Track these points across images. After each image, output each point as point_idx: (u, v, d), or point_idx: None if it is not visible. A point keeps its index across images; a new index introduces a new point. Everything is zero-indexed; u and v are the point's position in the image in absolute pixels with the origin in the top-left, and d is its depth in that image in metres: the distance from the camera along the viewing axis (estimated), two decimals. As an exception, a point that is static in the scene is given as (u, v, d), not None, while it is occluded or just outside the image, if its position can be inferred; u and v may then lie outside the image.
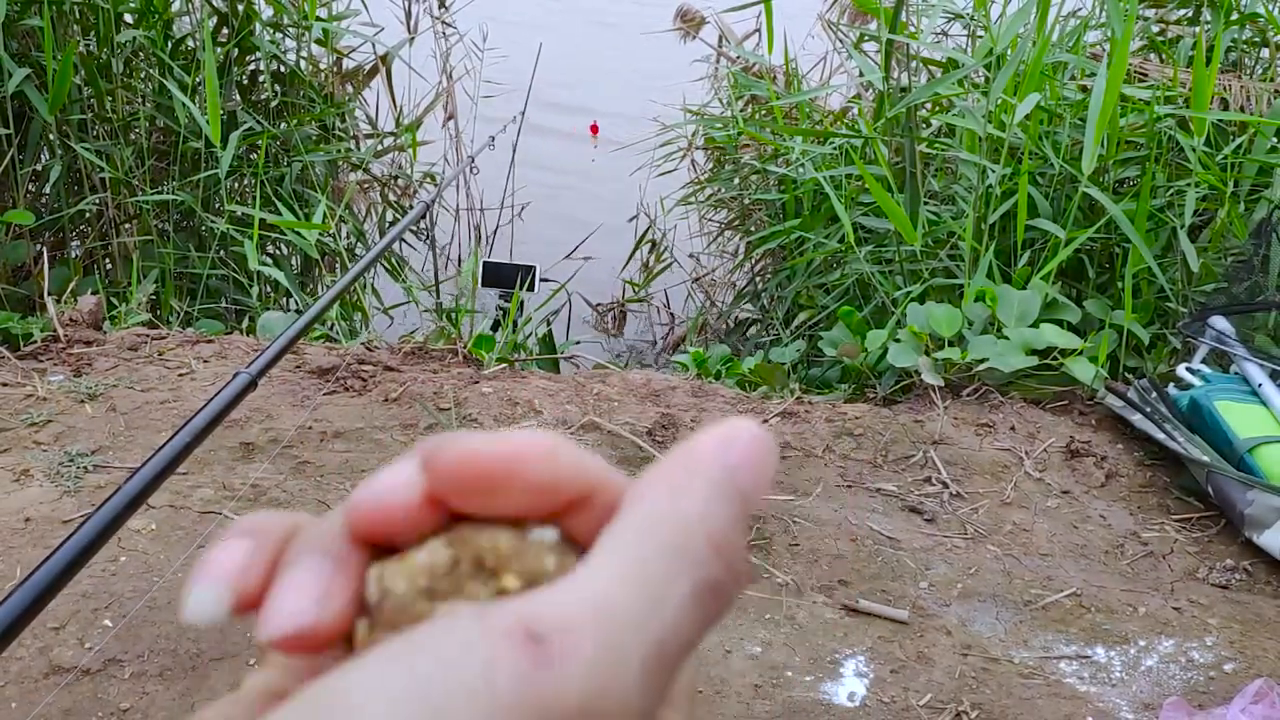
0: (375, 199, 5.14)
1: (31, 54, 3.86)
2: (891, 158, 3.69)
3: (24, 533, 2.13)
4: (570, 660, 0.19)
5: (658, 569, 0.21)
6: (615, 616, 0.20)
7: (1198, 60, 3.12)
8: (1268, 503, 2.34)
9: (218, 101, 3.58)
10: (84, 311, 3.06)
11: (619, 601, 0.20)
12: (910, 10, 3.67)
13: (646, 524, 0.22)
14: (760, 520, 2.36)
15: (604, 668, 0.19)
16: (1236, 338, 2.87)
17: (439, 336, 3.16)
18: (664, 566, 0.21)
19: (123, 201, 4.06)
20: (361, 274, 2.93)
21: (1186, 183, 3.23)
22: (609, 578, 0.21)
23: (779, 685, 1.92)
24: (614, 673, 0.20)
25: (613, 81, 8.02)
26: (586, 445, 2.37)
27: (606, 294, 5.40)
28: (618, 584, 0.21)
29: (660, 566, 0.21)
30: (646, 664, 0.20)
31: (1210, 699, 1.94)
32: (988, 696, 1.92)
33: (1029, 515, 2.47)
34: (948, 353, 2.86)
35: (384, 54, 4.93)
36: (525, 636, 0.19)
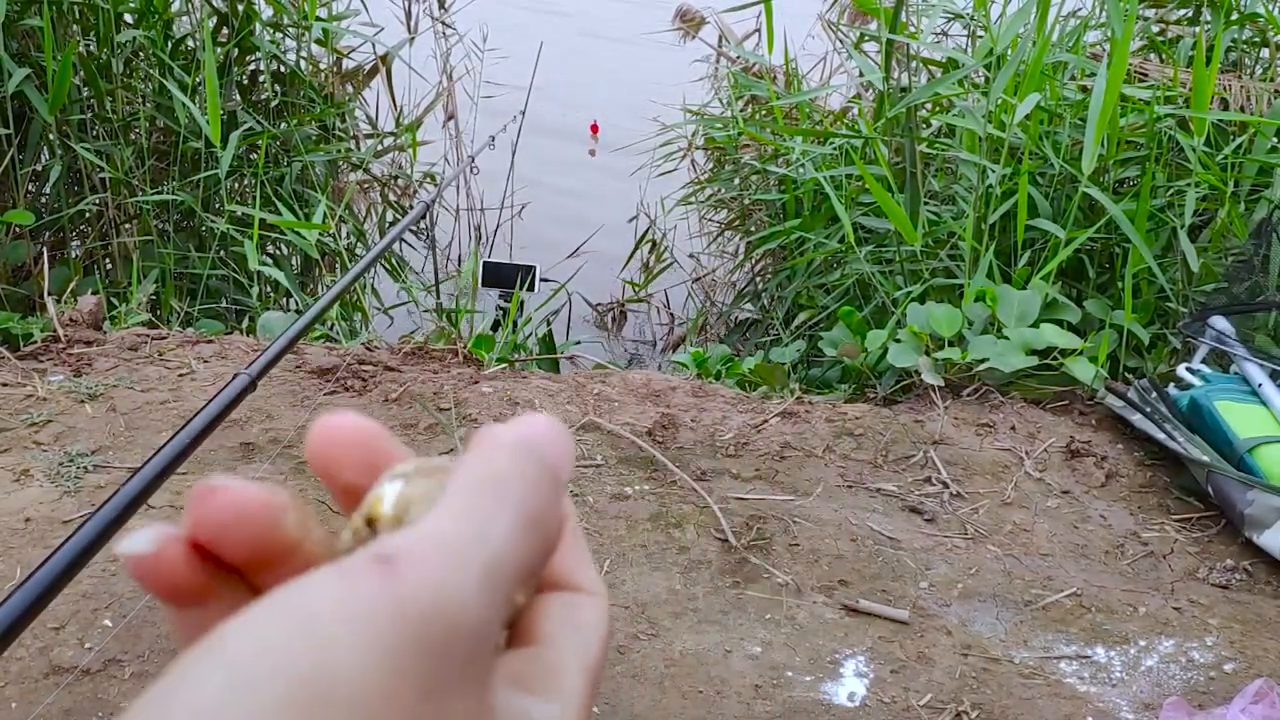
0: (375, 199, 5.14)
1: (31, 54, 3.86)
2: (891, 158, 3.69)
3: (24, 533, 2.13)
4: (417, 569, 0.23)
5: (481, 506, 0.25)
6: (450, 542, 0.24)
7: (1198, 60, 3.12)
8: (1268, 503, 2.34)
9: (218, 101, 3.58)
10: (84, 311, 3.06)
11: (452, 531, 0.25)
12: (910, 10, 3.67)
13: (468, 481, 0.26)
14: (760, 520, 2.36)
15: (447, 575, 0.23)
16: (1236, 338, 2.87)
17: (439, 337, 3.16)
18: (487, 504, 0.26)
19: (123, 201, 4.06)
20: (362, 274, 2.93)
21: (1186, 183, 3.23)
22: (442, 518, 0.25)
23: (779, 685, 1.92)
24: (456, 580, 0.23)
25: (613, 81, 8.02)
26: (586, 445, 2.38)
27: (606, 294, 5.40)
28: (450, 521, 0.25)
29: (484, 504, 0.26)
30: (483, 576, 0.24)
31: (1210, 699, 1.94)
32: (988, 696, 1.92)
33: (1029, 515, 2.47)
34: (948, 353, 2.86)
35: (384, 54, 4.93)
36: (376, 560, 0.23)
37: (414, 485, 0.28)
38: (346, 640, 0.22)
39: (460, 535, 0.25)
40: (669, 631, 2.03)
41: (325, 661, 0.21)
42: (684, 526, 2.34)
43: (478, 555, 0.24)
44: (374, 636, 0.22)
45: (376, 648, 0.22)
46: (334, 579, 0.23)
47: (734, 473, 2.56)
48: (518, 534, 0.25)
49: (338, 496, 0.31)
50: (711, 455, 2.63)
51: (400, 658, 0.22)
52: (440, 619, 0.23)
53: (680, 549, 2.27)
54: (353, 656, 0.22)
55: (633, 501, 2.42)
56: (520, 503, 0.26)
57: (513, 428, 0.29)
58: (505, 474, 0.27)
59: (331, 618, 0.22)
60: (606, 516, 2.36)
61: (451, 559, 0.24)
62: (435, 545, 0.24)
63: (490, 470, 0.27)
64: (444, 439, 2.58)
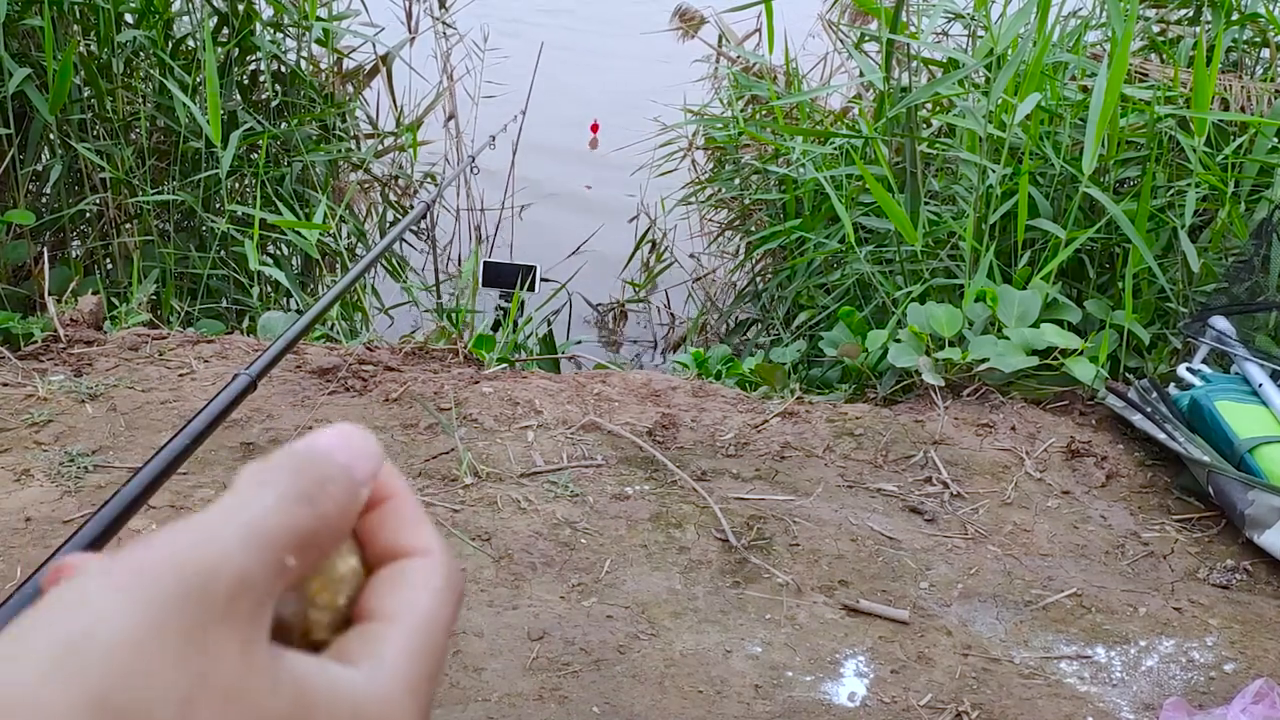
0: (376, 199, 5.14)
1: (32, 54, 3.86)
2: (892, 158, 3.69)
3: (24, 533, 2.13)
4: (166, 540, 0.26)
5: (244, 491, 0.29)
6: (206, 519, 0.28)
7: (1198, 60, 3.12)
8: (1268, 503, 2.34)
9: (218, 101, 3.58)
10: (84, 311, 3.06)
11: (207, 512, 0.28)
12: (910, 10, 3.67)
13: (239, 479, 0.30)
14: (761, 520, 2.36)
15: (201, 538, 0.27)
16: (1237, 338, 2.87)
17: (439, 336, 3.16)
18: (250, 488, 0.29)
19: (123, 201, 4.06)
20: (362, 274, 2.93)
21: (1187, 183, 3.23)
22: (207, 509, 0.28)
23: (779, 685, 1.92)
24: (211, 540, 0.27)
25: (613, 81, 8.01)
26: (587, 445, 2.38)
27: (606, 294, 5.40)
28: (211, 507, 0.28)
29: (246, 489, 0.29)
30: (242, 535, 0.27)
31: (1210, 699, 1.94)
32: (988, 697, 1.92)
33: (1029, 515, 2.47)
34: (948, 353, 2.86)
35: (384, 54, 4.93)
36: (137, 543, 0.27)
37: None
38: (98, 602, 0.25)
39: (218, 511, 0.28)
40: (669, 631, 2.03)
41: (86, 622, 0.24)
42: (684, 526, 2.34)
43: (235, 519, 0.28)
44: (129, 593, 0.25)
45: (131, 601, 0.25)
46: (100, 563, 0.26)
47: (734, 473, 2.56)
48: (281, 506, 0.29)
49: None
50: (712, 455, 2.63)
51: (155, 607, 0.25)
52: (195, 569, 0.26)
53: (680, 549, 2.27)
54: (111, 612, 0.24)
55: (633, 501, 2.42)
56: (283, 484, 0.29)
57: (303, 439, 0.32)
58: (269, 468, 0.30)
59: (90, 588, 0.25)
60: (606, 516, 2.36)
61: (206, 528, 0.27)
62: (189, 525, 0.27)
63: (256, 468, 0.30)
64: (444, 439, 2.59)
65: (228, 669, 0.26)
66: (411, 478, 2.44)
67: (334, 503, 0.30)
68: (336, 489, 0.31)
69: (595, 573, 2.19)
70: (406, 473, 2.44)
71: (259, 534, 0.28)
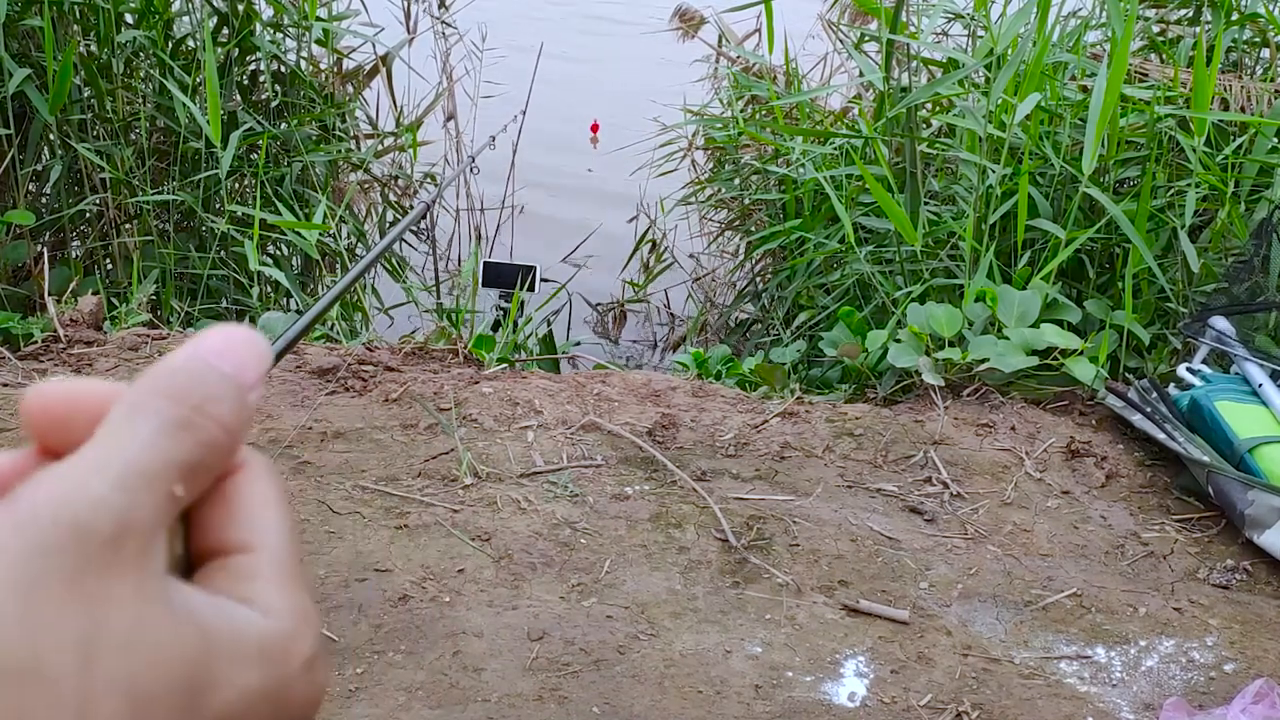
0: (376, 199, 5.14)
1: (32, 54, 3.86)
2: (892, 158, 3.69)
3: (24, 533, 2.13)
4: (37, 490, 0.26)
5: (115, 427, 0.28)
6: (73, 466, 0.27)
7: (1198, 60, 3.12)
8: (1268, 503, 2.34)
9: (218, 102, 3.58)
10: (84, 312, 3.06)
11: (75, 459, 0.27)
12: (910, 10, 3.67)
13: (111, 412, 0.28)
14: (760, 520, 2.36)
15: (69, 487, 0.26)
16: (1237, 338, 2.87)
17: (439, 337, 3.16)
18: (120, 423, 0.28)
19: (123, 202, 4.06)
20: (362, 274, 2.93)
21: (1187, 183, 3.23)
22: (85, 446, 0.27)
23: (779, 685, 1.92)
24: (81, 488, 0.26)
25: (613, 81, 8.02)
26: (587, 445, 2.38)
27: (606, 294, 5.40)
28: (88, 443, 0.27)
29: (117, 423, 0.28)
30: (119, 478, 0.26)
31: (1210, 699, 1.94)
32: (988, 697, 1.92)
33: (1029, 515, 2.47)
34: (948, 353, 2.86)
35: (384, 54, 4.93)
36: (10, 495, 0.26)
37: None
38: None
39: (90, 453, 0.27)
40: (669, 631, 2.03)
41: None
42: (684, 526, 2.34)
43: (110, 458, 0.27)
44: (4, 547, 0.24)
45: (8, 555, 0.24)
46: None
47: (734, 473, 2.56)
48: (159, 438, 0.27)
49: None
50: (711, 455, 2.63)
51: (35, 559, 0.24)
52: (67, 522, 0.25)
53: (680, 549, 2.27)
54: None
55: (633, 501, 2.42)
56: (161, 410, 0.28)
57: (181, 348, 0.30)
58: (143, 392, 0.28)
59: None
60: (606, 516, 2.36)
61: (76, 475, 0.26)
62: (61, 472, 0.26)
63: (133, 392, 0.29)
64: (444, 439, 2.58)
65: (122, 615, 0.25)
66: (411, 478, 2.45)
67: (218, 424, 0.29)
68: (221, 407, 0.29)
69: (595, 573, 2.19)
70: (406, 473, 2.45)
71: (137, 472, 0.27)
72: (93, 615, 0.24)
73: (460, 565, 2.17)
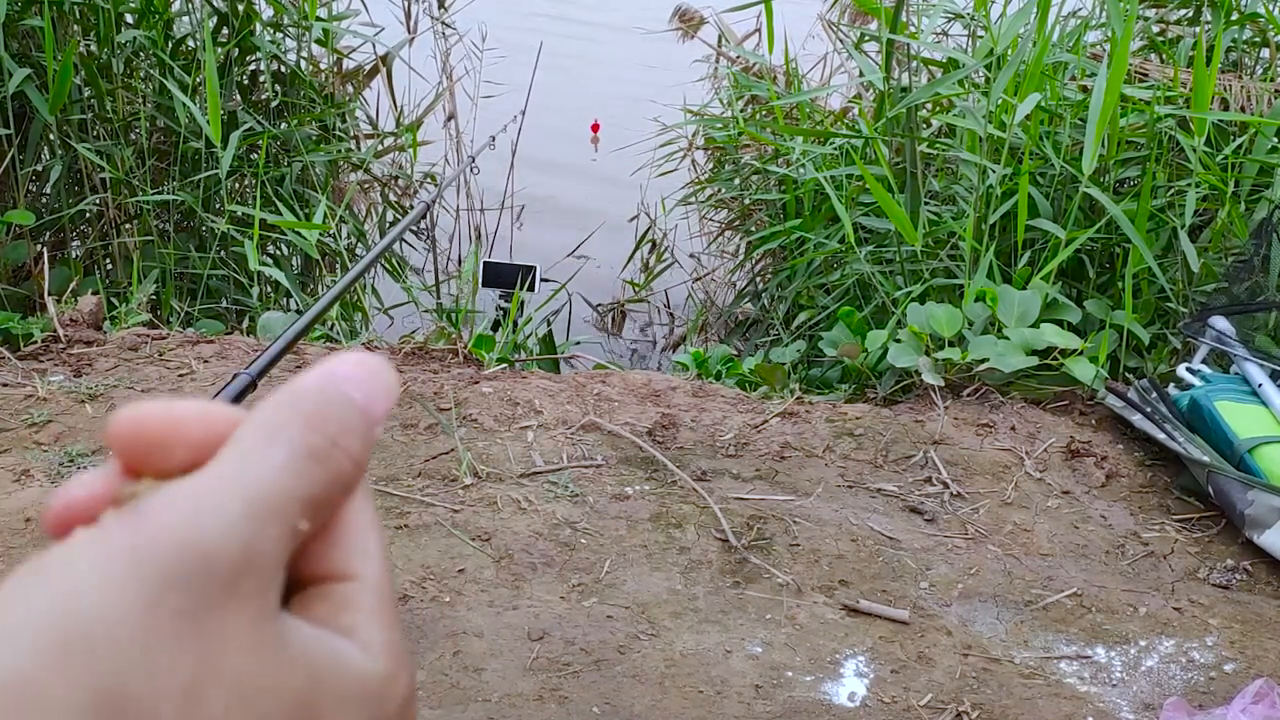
0: (376, 199, 5.14)
1: (32, 54, 3.86)
2: (892, 158, 3.69)
3: (24, 533, 2.13)
4: (163, 512, 0.24)
5: (247, 449, 0.26)
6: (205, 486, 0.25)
7: (1198, 60, 3.12)
8: (1268, 503, 2.34)
9: (218, 101, 3.58)
10: (84, 312, 3.06)
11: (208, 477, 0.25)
12: (910, 10, 3.67)
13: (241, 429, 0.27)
14: (761, 520, 2.36)
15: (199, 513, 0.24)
16: (1237, 338, 2.87)
17: (439, 337, 3.16)
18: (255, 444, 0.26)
19: (123, 202, 4.06)
20: (362, 274, 2.93)
21: (1187, 183, 3.23)
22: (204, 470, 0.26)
23: (779, 685, 1.92)
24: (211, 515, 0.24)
25: (613, 81, 8.02)
26: (587, 445, 2.38)
27: (606, 294, 5.40)
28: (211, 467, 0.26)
29: (249, 446, 0.26)
30: (246, 508, 0.25)
31: (1210, 699, 1.94)
32: (988, 697, 1.92)
33: (1029, 515, 2.47)
34: (948, 353, 2.86)
35: (384, 54, 4.93)
36: (130, 511, 0.25)
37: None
38: (94, 584, 0.23)
39: (218, 477, 0.25)
40: (669, 631, 2.03)
41: (74, 606, 0.23)
42: (684, 526, 2.34)
43: (239, 491, 0.25)
44: (120, 576, 0.23)
45: (122, 585, 0.23)
46: (89, 535, 0.24)
47: (734, 473, 2.56)
48: (292, 466, 0.26)
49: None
50: (711, 455, 2.63)
51: (150, 589, 0.23)
52: (193, 549, 0.24)
53: (680, 549, 2.27)
54: (99, 596, 0.23)
55: (633, 501, 2.42)
56: (294, 438, 0.26)
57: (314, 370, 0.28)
58: (279, 415, 0.27)
59: (83, 567, 0.23)
60: (606, 516, 2.36)
61: (205, 499, 0.25)
62: (188, 493, 0.25)
63: (266, 414, 0.27)
64: (444, 439, 2.58)
65: (236, 652, 0.24)
66: (411, 478, 2.45)
67: (349, 457, 0.28)
68: (353, 440, 0.28)
69: (595, 573, 2.19)
70: (406, 473, 2.45)
71: (267, 502, 0.25)
72: (205, 656, 0.24)
73: (460, 565, 2.17)
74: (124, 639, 0.23)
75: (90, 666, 0.22)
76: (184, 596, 0.23)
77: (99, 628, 0.22)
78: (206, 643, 0.24)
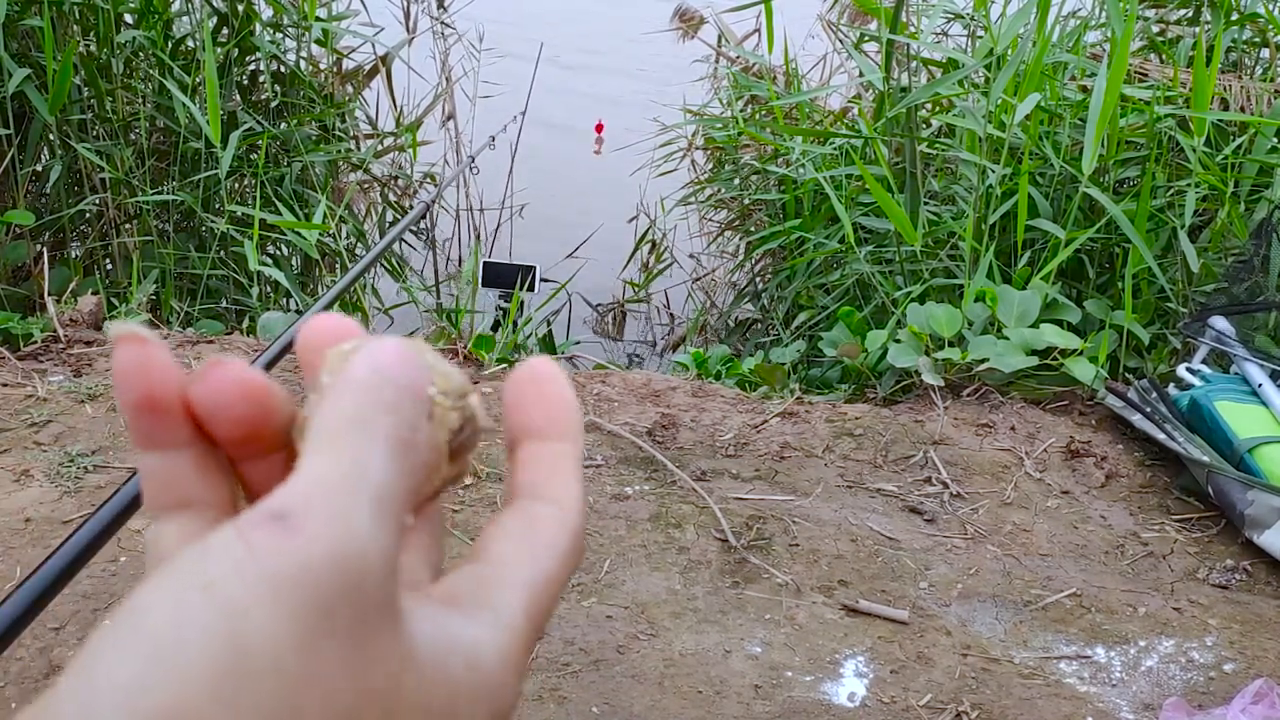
0: (375, 199, 5.14)
1: (31, 54, 3.86)
2: (892, 158, 3.69)
3: (24, 533, 2.13)
4: (310, 521, 0.23)
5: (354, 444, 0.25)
6: (335, 485, 0.24)
7: (1198, 60, 3.12)
8: (1268, 503, 2.34)
9: (218, 102, 3.58)
10: (84, 312, 3.06)
11: (335, 474, 0.24)
12: (910, 10, 3.67)
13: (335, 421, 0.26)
14: (760, 520, 2.36)
15: (340, 521, 0.23)
16: (1236, 338, 2.87)
17: (439, 337, 3.16)
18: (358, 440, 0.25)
19: (123, 202, 4.06)
20: (362, 274, 2.93)
21: (1187, 183, 3.23)
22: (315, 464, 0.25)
23: (779, 685, 1.92)
24: (349, 524, 0.23)
25: (613, 81, 8.01)
26: (586, 445, 2.37)
27: (606, 294, 5.40)
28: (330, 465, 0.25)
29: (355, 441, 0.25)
30: (374, 512, 0.24)
31: (1210, 699, 1.94)
32: (988, 697, 1.92)
33: (1029, 515, 2.47)
34: (948, 353, 2.86)
35: (384, 54, 4.93)
36: (270, 517, 0.23)
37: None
38: (256, 608, 0.22)
39: (344, 477, 0.24)
40: (669, 631, 2.03)
41: (240, 631, 0.21)
42: (684, 526, 2.34)
43: (364, 493, 0.24)
44: (282, 600, 0.22)
45: (287, 611, 0.22)
46: (232, 540, 0.23)
47: (734, 473, 2.56)
48: (393, 462, 0.25)
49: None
50: (711, 455, 2.63)
51: (313, 615, 0.22)
52: (344, 566, 0.23)
53: (680, 549, 2.27)
54: (266, 623, 0.22)
55: (633, 501, 2.42)
56: (388, 432, 0.26)
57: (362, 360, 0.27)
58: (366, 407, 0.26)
59: (238, 584, 0.22)
60: (606, 516, 2.36)
61: (340, 503, 0.24)
62: (324, 492, 0.24)
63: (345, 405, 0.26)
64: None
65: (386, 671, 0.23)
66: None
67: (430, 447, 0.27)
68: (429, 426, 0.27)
69: (595, 573, 2.19)
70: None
71: (386, 506, 0.24)
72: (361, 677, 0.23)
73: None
74: (290, 669, 0.22)
75: (258, 701, 0.21)
76: (343, 618, 0.23)
77: (263, 661, 0.22)
78: (362, 664, 0.23)
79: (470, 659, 0.26)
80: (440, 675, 0.25)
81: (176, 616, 0.22)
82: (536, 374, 0.32)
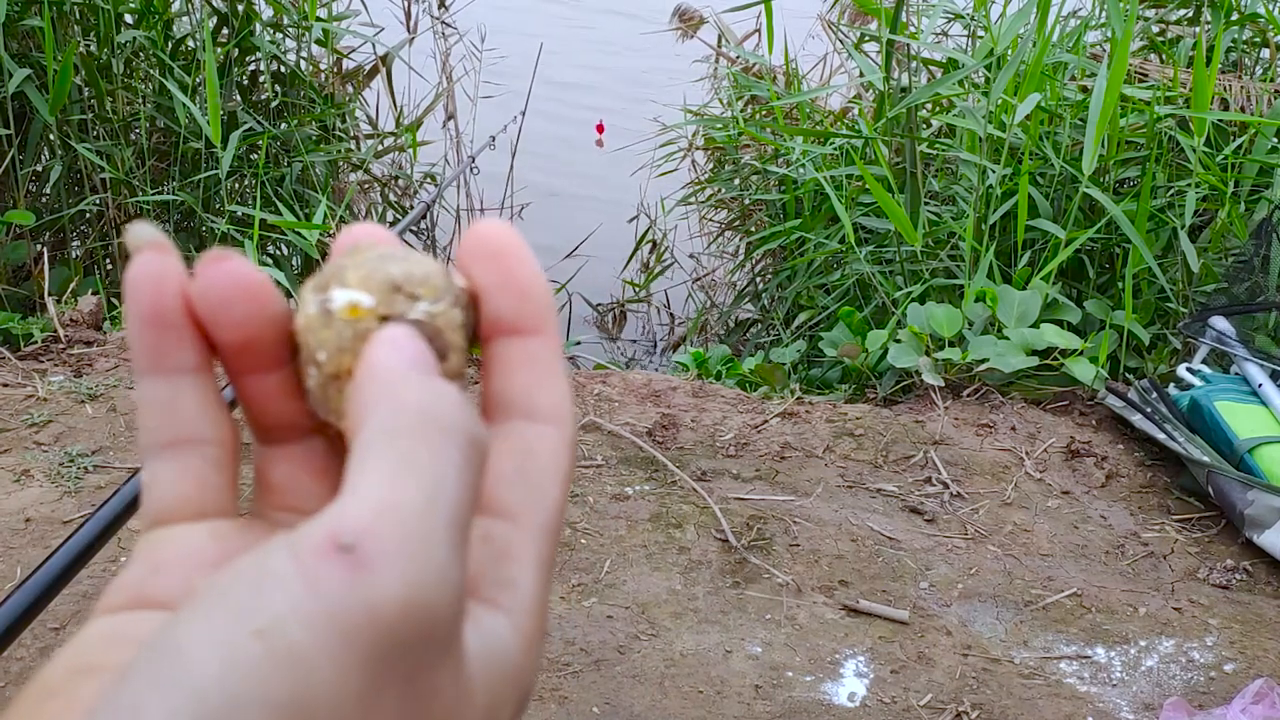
0: (376, 199, 5.14)
1: (32, 54, 3.86)
2: (892, 158, 3.69)
3: (24, 533, 2.13)
4: (383, 557, 0.20)
5: (422, 460, 0.22)
6: (407, 514, 0.21)
7: (1198, 60, 3.12)
8: (1268, 503, 2.34)
9: (218, 102, 3.58)
10: (84, 312, 3.06)
11: (402, 495, 0.21)
12: (910, 10, 3.67)
13: (389, 423, 0.23)
14: (761, 520, 2.36)
15: (417, 560, 0.21)
16: (1236, 338, 2.88)
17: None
18: (425, 454, 0.22)
19: (123, 202, 4.06)
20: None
21: (1187, 183, 3.23)
22: (384, 479, 0.22)
23: (779, 685, 1.92)
24: (425, 557, 0.21)
25: (613, 81, 8.02)
26: (587, 445, 2.38)
27: (606, 294, 5.40)
28: (394, 480, 0.22)
29: (422, 456, 0.22)
30: (448, 542, 0.21)
31: (1210, 699, 1.94)
32: (988, 697, 1.92)
33: (1029, 515, 2.47)
34: (948, 353, 2.86)
35: (384, 54, 4.93)
36: (335, 550, 0.20)
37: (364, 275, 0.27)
38: (323, 661, 0.20)
39: (414, 501, 0.21)
40: (669, 632, 2.03)
41: (302, 685, 0.20)
42: (684, 527, 2.34)
43: (438, 520, 0.21)
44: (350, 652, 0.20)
45: (356, 662, 0.20)
46: (290, 573, 0.20)
47: (734, 473, 2.56)
48: (464, 474, 0.23)
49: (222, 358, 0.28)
50: (711, 455, 2.63)
51: (379, 665, 0.20)
52: (418, 613, 0.21)
53: (680, 549, 2.27)
54: (333, 677, 0.20)
55: (633, 501, 2.42)
56: (454, 439, 0.23)
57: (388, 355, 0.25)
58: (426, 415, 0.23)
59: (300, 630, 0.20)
60: (606, 516, 2.36)
61: (414, 536, 0.21)
62: (398, 520, 0.21)
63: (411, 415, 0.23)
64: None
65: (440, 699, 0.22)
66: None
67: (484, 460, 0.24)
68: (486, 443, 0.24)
69: (595, 573, 2.19)
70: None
71: (459, 530, 0.22)
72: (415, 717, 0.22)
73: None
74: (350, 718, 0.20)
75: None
76: (408, 664, 0.21)
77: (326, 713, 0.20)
78: (421, 708, 0.22)
79: (501, 658, 0.25)
80: (484, 685, 0.24)
81: (228, 667, 0.19)
82: (493, 246, 0.28)
